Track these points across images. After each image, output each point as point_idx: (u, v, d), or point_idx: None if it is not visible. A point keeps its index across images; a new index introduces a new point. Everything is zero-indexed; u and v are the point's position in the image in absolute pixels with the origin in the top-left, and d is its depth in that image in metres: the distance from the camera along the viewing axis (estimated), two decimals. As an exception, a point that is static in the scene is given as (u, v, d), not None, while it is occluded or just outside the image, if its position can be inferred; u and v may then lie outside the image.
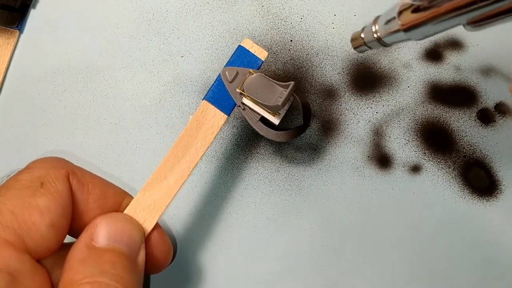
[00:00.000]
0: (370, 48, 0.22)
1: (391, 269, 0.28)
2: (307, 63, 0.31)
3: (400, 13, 0.19)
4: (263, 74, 0.26)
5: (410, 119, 0.30)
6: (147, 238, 0.22)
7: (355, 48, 0.23)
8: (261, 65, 0.27)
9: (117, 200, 0.22)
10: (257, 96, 0.25)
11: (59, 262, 0.20)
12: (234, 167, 0.30)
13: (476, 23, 0.15)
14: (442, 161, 0.29)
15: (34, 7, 0.34)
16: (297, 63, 0.31)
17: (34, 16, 0.34)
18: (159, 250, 0.23)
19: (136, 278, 0.20)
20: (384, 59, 0.31)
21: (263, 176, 0.30)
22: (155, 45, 0.32)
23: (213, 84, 0.26)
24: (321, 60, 0.31)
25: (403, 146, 0.30)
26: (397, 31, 0.19)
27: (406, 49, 0.31)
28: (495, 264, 0.28)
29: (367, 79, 0.31)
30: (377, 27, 0.21)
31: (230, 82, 0.25)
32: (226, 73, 0.25)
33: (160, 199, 0.23)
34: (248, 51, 0.26)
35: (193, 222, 0.29)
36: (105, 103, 0.32)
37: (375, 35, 0.21)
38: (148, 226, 0.22)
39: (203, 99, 0.25)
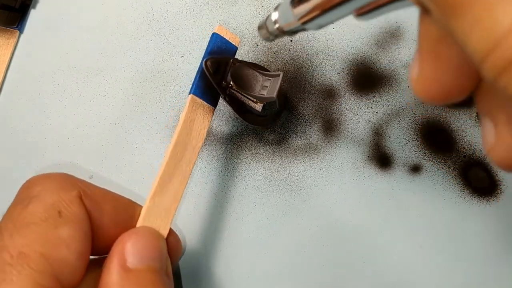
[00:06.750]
0: (276, 36, 0.21)
1: (391, 269, 0.28)
2: (307, 63, 0.31)
3: (292, 4, 0.18)
4: (246, 64, 0.26)
5: (410, 119, 0.30)
6: None
7: (263, 39, 0.22)
8: (235, 51, 0.26)
9: (128, 212, 0.22)
10: (242, 86, 0.25)
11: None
12: (234, 167, 0.30)
13: (362, 15, 0.16)
14: (442, 161, 0.29)
15: (34, 7, 0.34)
16: (297, 63, 0.31)
17: (34, 16, 0.34)
18: (175, 253, 0.23)
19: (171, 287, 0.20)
20: (384, 59, 0.31)
21: (263, 176, 0.30)
22: (155, 45, 0.32)
23: (196, 77, 0.25)
24: (321, 60, 0.31)
25: (403, 146, 0.30)
26: (294, 22, 0.19)
27: (406, 49, 0.31)
28: (495, 264, 0.28)
29: (367, 79, 0.31)
30: (277, 16, 0.20)
31: (214, 74, 0.25)
32: (209, 64, 0.24)
33: (169, 203, 0.22)
34: (223, 38, 0.26)
35: (193, 222, 0.29)
36: (105, 103, 0.32)
37: (276, 25, 0.20)
38: (164, 233, 0.22)
39: (189, 94, 0.24)
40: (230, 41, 0.26)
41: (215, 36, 0.25)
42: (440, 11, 0.11)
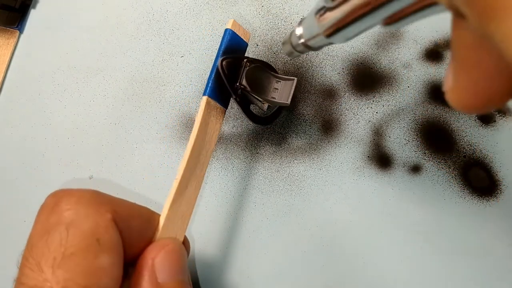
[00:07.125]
0: (300, 52, 0.21)
1: (391, 270, 0.28)
2: (307, 63, 0.31)
3: (318, 17, 0.18)
4: (259, 64, 0.26)
5: (410, 119, 0.30)
6: None
7: (287, 55, 0.22)
8: (246, 48, 0.26)
9: (150, 222, 0.22)
10: (256, 89, 0.25)
11: None
12: (234, 167, 0.30)
13: (391, 24, 0.15)
14: (442, 161, 0.29)
15: (34, 7, 0.34)
16: (297, 63, 0.31)
17: (34, 16, 0.34)
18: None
19: None
20: (384, 59, 0.31)
21: (263, 176, 0.30)
22: (155, 45, 0.32)
23: (210, 78, 0.24)
24: (321, 60, 0.31)
25: (403, 146, 0.30)
26: (319, 35, 0.18)
27: (406, 49, 0.31)
28: (494, 264, 0.28)
29: (367, 79, 0.31)
30: (302, 30, 0.20)
31: (228, 74, 0.24)
32: (224, 64, 0.24)
33: (184, 210, 0.22)
34: (236, 34, 0.25)
35: (193, 222, 0.29)
36: (105, 103, 0.32)
37: (300, 40, 0.20)
38: (181, 240, 0.22)
39: (204, 95, 0.24)
40: (242, 37, 0.25)
41: (228, 33, 0.25)
42: (477, 16, 0.11)
